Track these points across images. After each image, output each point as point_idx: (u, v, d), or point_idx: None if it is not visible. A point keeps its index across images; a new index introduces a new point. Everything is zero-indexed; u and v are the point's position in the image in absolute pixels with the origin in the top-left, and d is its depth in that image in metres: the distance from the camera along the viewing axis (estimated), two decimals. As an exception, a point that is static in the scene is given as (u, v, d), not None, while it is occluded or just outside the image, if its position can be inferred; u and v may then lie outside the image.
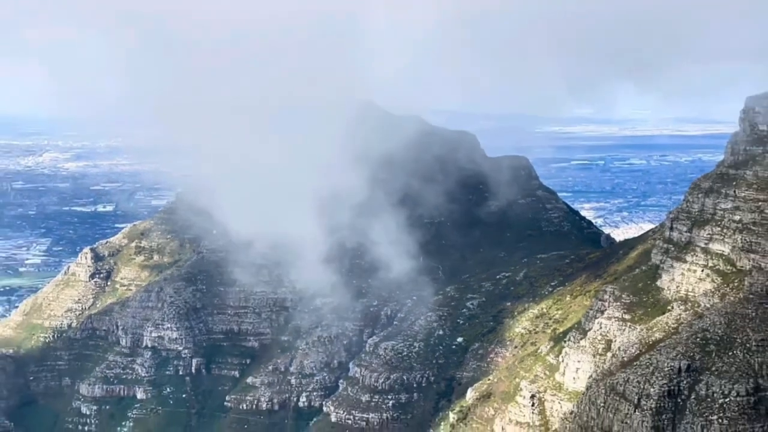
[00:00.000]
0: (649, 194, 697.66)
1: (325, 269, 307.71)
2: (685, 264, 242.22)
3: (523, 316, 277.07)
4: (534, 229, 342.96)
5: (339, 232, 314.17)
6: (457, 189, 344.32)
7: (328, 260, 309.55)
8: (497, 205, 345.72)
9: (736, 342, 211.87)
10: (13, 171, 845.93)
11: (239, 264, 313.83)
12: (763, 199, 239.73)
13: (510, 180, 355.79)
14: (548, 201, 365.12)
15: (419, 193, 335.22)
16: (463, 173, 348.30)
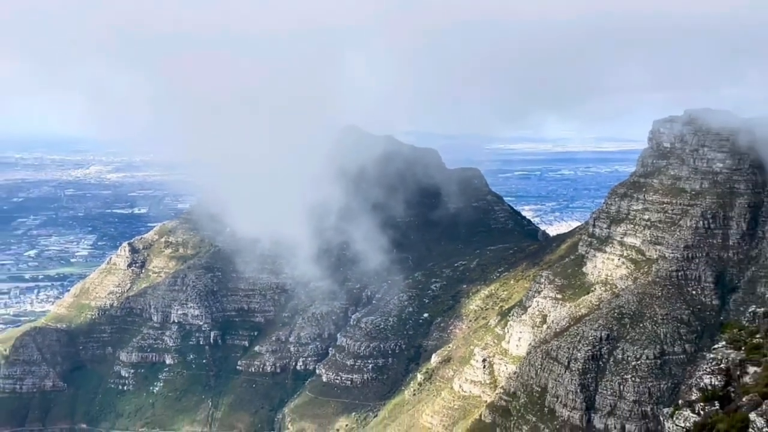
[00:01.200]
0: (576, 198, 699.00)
1: (316, 261, 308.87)
2: (605, 254, 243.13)
3: (476, 296, 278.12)
4: (484, 227, 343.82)
5: (326, 232, 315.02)
6: (421, 195, 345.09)
7: (319, 254, 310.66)
8: (455, 207, 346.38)
9: (645, 316, 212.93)
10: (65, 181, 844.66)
11: (247, 257, 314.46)
12: (666, 201, 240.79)
13: (465, 187, 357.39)
14: (496, 204, 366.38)
15: (391, 199, 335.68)
16: (426, 182, 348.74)
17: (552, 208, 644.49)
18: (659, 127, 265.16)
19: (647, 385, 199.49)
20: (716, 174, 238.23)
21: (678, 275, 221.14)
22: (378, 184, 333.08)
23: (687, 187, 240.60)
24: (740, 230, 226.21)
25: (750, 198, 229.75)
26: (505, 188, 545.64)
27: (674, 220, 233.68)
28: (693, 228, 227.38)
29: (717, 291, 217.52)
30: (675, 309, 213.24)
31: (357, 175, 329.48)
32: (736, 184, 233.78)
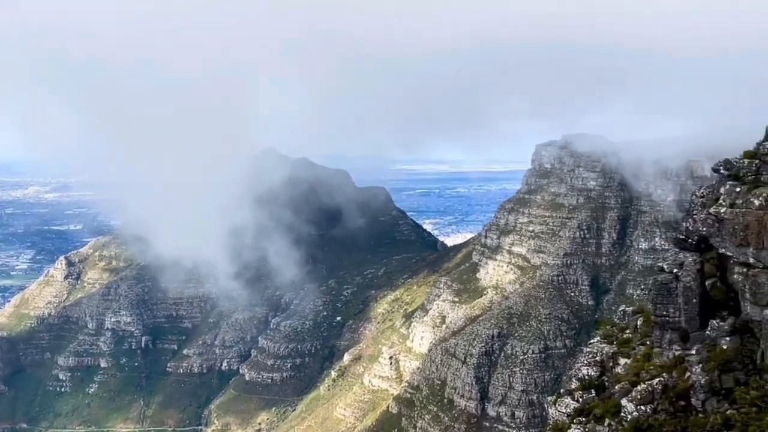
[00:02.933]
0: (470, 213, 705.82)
1: (237, 275, 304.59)
2: (496, 261, 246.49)
3: (384, 301, 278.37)
4: (390, 239, 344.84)
5: (245, 250, 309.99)
6: (332, 211, 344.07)
7: (240, 270, 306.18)
8: (363, 222, 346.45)
9: (531, 316, 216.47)
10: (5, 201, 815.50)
11: (173, 271, 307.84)
12: (548, 215, 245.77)
13: (372, 204, 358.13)
14: (400, 218, 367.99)
15: (305, 216, 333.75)
16: (337, 200, 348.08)
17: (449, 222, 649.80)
18: (540, 150, 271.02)
19: (533, 377, 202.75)
20: (590, 191, 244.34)
21: (559, 279, 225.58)
22: (293, 203, 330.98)
23: (565, 203, 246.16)
24: (611, 240, 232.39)
25: (619, 211, 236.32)
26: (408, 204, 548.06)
27: (555, 232, 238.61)
28: (571, 238, 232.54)
29: (592, 293, 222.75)
30: (556, 309, 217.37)
31: (273, 195, 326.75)
32: (607, 200, 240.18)
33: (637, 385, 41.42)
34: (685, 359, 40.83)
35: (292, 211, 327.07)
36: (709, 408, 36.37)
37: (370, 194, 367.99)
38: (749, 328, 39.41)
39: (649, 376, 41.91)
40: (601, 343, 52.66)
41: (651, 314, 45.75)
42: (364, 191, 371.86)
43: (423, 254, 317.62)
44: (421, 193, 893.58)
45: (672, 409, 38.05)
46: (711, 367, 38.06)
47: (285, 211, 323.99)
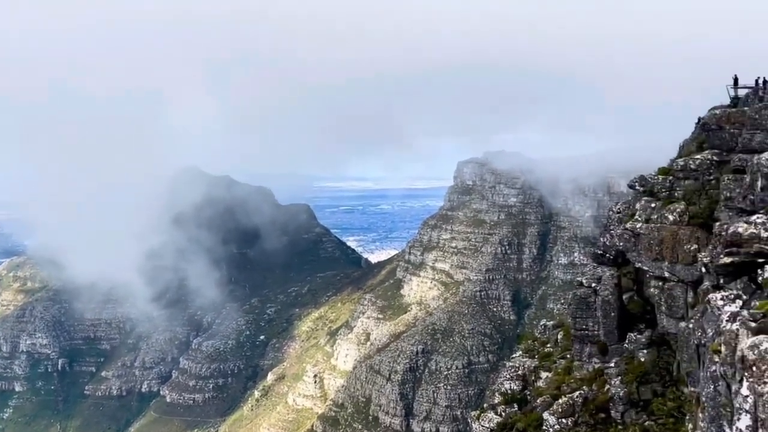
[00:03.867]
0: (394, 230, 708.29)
1: (158, 294, 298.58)
2: (420, 278, 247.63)
3: (308, 318, 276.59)
4: (314, 256, 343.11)
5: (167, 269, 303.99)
6: (256, 229, 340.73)
7: (161, 288, 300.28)
8: (287, 239, 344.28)
9: (455, 331, 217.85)
10: None
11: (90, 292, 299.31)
12: (470, 231, 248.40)
13: (296, 221, 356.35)
14: (324, 236, 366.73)
15: (227, 234, 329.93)
16: (261, 217, 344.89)
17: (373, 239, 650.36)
18: (462, 167, 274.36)
19: (457, 392, 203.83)
20: (511, 207, 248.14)
21: (481, 295, 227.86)
22: (214, 222, 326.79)
23: (487, 219, 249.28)
24: (532, 255, 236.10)
25: (539, 227, 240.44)
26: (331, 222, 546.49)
27: (477, 248, 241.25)
28: (493, 254, 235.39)
29: (514, 307, 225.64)
30: (479, 324, 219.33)
31: (193, 215, 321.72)
32: (528, 216, 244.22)
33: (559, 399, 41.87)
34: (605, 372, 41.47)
35: (213, 229, 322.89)
36: (628, 420, 36.93)
37: (293, 212, 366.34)
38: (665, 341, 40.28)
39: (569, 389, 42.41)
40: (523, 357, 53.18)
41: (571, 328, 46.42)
42: (287, 209, 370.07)
43: (347, 271, 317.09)
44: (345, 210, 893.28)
45: (592, 421, 38.55)
46: (629, 380, 38.72)
47: (205, 231, 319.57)
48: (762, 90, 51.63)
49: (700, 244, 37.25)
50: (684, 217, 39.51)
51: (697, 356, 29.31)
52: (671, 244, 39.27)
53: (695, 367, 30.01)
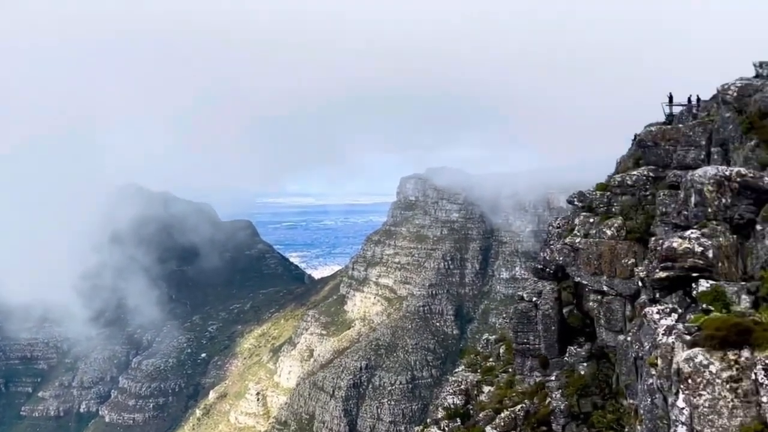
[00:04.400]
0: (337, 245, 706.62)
1: (97, 312, 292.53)
2: (363, 293, 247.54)
3: (250, 335, 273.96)
4: (257, 272, 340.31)
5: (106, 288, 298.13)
6: (198, 245, 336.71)
7: (100, 305, 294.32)
8: (230, 255, 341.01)
9: (398, 346, 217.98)
10: None
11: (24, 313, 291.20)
12: (413, 247, 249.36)
13: (238, 238, 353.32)
14: (267, 252, 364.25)
15: (167, 251, 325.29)
16: (202, 234, 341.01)
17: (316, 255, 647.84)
18: (405, 183, 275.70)
19: (401, 407, 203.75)
20: (453, 222, 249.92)
21: (424, 310, 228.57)
22: (154, 239, 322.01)
23: (430, 234, 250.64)
24: (474, 270, 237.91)
25: (481, 242, 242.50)
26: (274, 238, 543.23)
27: (420, 263, 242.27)
28: (436, 269, 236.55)
29: (457, 322, 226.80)
30: (423, 339, 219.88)
31: (132, 232, 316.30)
32: (470, 231, 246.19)
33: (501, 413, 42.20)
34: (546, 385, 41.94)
35: (152, 247, 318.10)
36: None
37: (235, 228, 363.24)
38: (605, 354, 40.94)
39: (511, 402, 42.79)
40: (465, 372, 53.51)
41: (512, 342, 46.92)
42: (229, 225, 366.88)
43: (290, 287, 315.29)
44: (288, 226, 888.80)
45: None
46: (570, 393, 39.23)
47: (144, 248, 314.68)
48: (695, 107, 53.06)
49: (637, 258, 38.02)
50: (621, 232, 40.31)
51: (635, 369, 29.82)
52: (609, 259, 40.01)
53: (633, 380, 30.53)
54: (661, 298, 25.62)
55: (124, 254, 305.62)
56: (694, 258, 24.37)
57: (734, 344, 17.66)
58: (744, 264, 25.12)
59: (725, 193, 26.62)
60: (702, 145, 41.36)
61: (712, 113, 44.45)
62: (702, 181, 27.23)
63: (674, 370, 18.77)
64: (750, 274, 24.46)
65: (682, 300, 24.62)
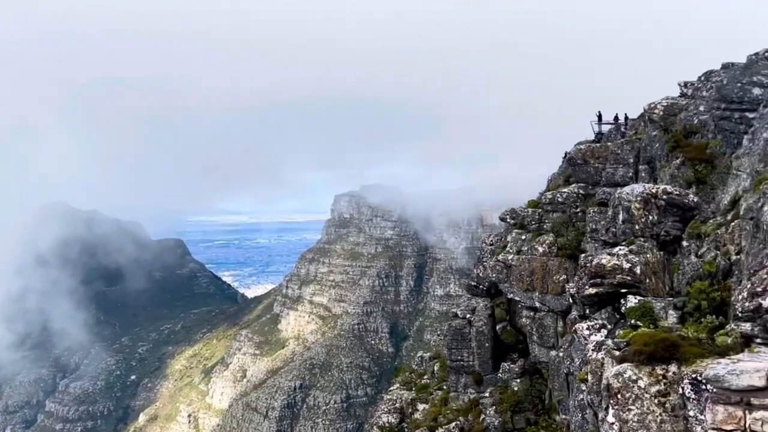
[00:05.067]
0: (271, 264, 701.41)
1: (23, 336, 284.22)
2: (297, 312, 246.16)
3: (182, 356, 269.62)
4: (188, 292, 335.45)
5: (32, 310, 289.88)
6: (127, 265, 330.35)
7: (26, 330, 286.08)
8: (160, 274, 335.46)
9: (333, 365, 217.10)
10: None
11: None
12: (348, 264, 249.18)
13: (169, 257, 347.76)
14: (198, 271, 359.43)
15: (95, 271, 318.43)
16: (133, 253, 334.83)
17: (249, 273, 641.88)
18: (339, 201, 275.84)
19: (336, 427, 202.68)
20: (387, 240, 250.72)
21: (359, 328, 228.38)
22: (80, 259, 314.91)
23: (364, 252, 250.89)
24: (409, 287, 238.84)
25: (416, 259, 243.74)
26: (206, 257, 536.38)
27: (355, 280, 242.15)
28: (370, 287, 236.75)
29: (392, 340, 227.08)
30: (358, 357, 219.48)
31: (58, 252, 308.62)
32: (404, 248, 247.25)
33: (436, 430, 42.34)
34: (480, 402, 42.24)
35: (78, 268, 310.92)
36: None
37: (166, 247, 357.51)
38: (538, 369, 41.46)
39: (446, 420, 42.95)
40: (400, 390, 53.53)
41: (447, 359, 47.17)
42: (159, 244, 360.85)
43: (222, 307, 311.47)
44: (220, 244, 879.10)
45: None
46: (503, 409, 39.61)
47: (70, 269, 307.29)
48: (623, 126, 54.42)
49: (568, 274, 38.70)
50: (553, 249, 40.99)
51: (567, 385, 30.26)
52: (541, 275, 40.62)
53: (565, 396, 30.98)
54: (591, 314, 26.09)
55: (49, 276, 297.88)
56: (623, 274, 24.89)
57: (662, 359, 18.05)
58: (671, 280, 25.76)
59: (652, 211, 27.28)
60: (630, 162, 42.43)
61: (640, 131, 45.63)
62: (629, 198, 27.87)
63: (604, 385, 19.09)
64: (677, 290, 25.09)
65: (611, 316, 25.11)
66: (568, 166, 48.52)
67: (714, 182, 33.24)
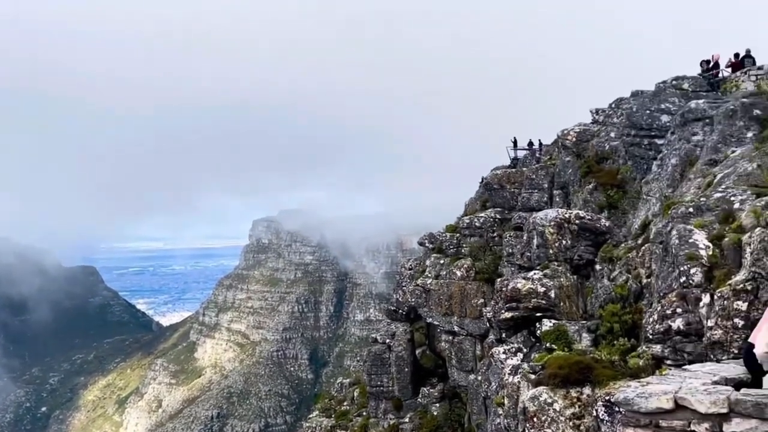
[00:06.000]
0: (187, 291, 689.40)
1: None
2: (214, 339, 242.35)
3: (95, 387, 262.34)
4: (101, 321, 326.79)
5: None
6: (37, 293, 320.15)
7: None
8: (72, 303, 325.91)
9: (251, 393, 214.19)
10: None
11: None
12: (267, 290, 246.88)
13: (82, 284, 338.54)
14: (112, 299, 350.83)
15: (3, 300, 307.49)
16: (42, 281, 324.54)
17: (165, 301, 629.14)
18: (257, 226, 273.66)
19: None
20: (307, 265, 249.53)
21: (278, 354, 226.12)
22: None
23: (283, 278, 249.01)
24: (329, 312, 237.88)
25: (335, 285, 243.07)
26: (120, 284, 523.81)
27: (274, 307, 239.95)
28: (290, 312, 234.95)
29: (311, 366, 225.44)
30: (277, 385, 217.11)
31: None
32: (324, 274, 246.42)
33: (356, 458, 42.12)
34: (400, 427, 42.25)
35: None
36: (422, 474, 37.70)
37: (78, 275, 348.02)
38: (457, 393, 41.75)
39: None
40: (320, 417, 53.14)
41: (366, 385, 47.09)
42: (71, 271, 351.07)
43: (137, 336, 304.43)
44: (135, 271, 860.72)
45: (389, 478, 39.05)
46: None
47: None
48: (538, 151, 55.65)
49: (486, 298, 39.21)
50: (471, 273, 41.50)
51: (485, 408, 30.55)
52: (459, 299, 41.03)
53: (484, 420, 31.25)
54: (508, 337, 26.46)
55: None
56: (538, 298, 25.36)
57: (576, 382, 18.40)
58: (584, 303, 26.34)
59: (565, 235, 27.91)
60: (545, 187, 43.36)
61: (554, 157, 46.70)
62: (543, 223, 28.45)
63: (520, 408, 19.35)
64: (590, 313, 25.66)
65: (527, 339, 25.52)
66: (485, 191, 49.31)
67: (625, 207, 34.22)
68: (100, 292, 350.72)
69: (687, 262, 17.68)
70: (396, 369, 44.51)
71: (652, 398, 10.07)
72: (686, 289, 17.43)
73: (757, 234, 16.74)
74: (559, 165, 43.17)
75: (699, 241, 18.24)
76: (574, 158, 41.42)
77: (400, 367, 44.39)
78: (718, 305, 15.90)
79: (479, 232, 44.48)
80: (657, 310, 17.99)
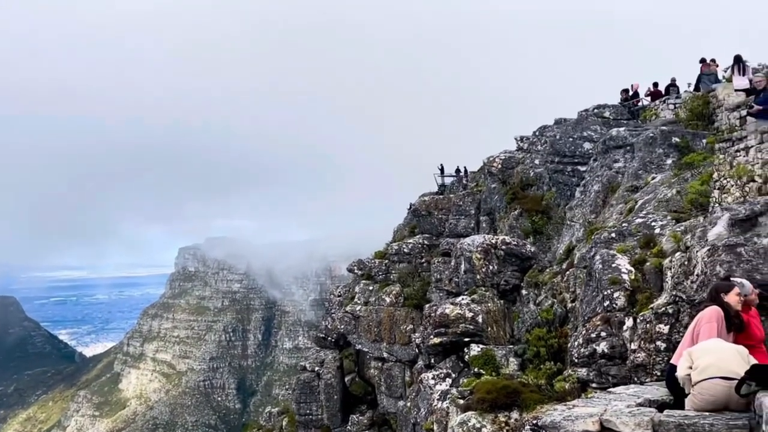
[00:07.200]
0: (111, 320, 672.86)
1: None
2: (139, 370, 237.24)
3: (15, 420, 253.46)
4: (22, 352, 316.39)
5: None
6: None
7: None
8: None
9: (177, 424, 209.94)
10: None
11: None
12: (193, 319, 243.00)
13: (1, 314, 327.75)
14: (33, 330, 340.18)
15: None
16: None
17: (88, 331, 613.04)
18: (183, 254, 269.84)
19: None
20: (234, 293, 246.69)
21: (205, 384, 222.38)
22: None
23: (211, 306, 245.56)
24: (257, 341, 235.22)
25: (264, 312, 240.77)
26: (42, 314, 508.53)
27: (200, 335, 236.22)
28: (217, 341, 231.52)
29: (239, 396, 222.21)
30: (204, 415, 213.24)
31: None
32: (252, 302, 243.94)
33: (284, 488, 41.52)
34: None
35: None
36: (352, 503, 37.38)
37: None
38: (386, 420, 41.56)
39: (295, 477, 42.23)
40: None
41: (295, 414, 46.56)
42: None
43: (59, 367, 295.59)
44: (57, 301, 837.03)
45: (318, 508, 38.65)
46: (353, 462, 39.33)
47: None
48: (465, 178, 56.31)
49: (415, 324, 39.27)
50: (399, 299, 41.54)
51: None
52: (389, 326, 41.00)
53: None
54: (437, 363, 26.50)
55: None
56: (466, 323, 25.51)
57: (504, 406, 18.50)
58: (511, 327, 26.60)
59: (492, 261, 28.20)
60: (472, 213, 43.85)
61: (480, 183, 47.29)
62: (471, 249, 28.70)
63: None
64: (517, 337, 25.92)
65: (455, 365, 25.60)
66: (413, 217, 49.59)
67: (550, 232, 34.81)
68: (21, 322, 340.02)
69: (610, 286, 17.99)
70: (325, 397, 44.15)
71: (578, 421, 10.14)
72: (610, 312, 17.72)
73: (677, 258, 17.15)
74: (486, 191, 43.73)
75: (622, 266, 18.59)
76: (499, 185, 42.01)
77: (330, 395, 44.05)
78: (641, 328, 16.19)
79: (408, 258, 44.66)
80: (582, 334, 18.24)
